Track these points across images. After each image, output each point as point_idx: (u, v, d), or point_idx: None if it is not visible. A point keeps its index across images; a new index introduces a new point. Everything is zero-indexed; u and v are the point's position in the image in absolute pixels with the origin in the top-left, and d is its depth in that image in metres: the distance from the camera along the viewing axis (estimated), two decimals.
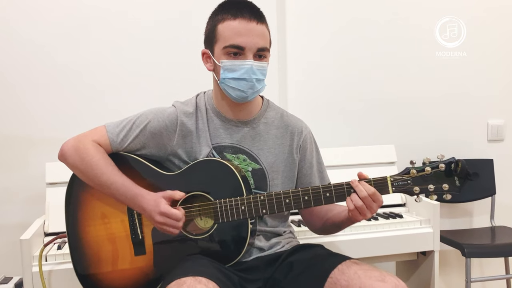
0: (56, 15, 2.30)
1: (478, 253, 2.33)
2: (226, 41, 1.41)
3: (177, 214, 1.37)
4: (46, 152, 2.21)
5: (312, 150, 1.61)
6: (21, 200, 2.31)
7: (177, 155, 1.51)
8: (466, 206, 2.78)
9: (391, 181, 1.33)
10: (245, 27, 1.39)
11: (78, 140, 1.48)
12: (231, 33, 1.40)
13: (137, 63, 2.39)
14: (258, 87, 1.45)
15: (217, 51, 1.44)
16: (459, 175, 1.29)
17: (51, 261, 1.73)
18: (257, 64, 1.42)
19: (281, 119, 1.59)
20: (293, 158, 1.57)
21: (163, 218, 1.37)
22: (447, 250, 2.60)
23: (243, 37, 1.39)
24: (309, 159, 1.59)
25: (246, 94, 1.44)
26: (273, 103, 1.63)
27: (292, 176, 1.57)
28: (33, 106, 2.31)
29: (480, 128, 2.78)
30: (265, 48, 1.43)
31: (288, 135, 1.57)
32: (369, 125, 2.64)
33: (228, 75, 1.42)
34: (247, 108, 1.53)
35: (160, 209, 1.37)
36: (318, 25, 2.55)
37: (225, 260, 1.43)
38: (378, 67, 2.63)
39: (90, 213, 1.52)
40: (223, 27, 1.42)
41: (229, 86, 1.44)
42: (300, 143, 1.58)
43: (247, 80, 1.42)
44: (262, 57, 1.45)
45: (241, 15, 1.40)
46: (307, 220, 1.64)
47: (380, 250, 2.00)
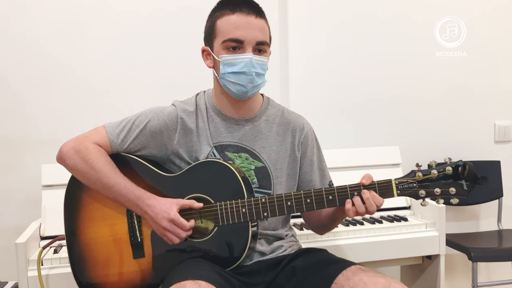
0: (52, 10, 2.30)
1: (485, 257, 2.33)
2: (224, 36, 1.43)
3: (184, 224, 1.38)
4: (42, 153, 2.21)
5: (313, 147, 1.62)
6: (16, 203, 2.30)
7: (178, 154, 1.52)
8: (473, 209, 2.78)
9: (396, 184, 1.33)
10: (243, 20, 1.41)
11: (78, 142, 1.47)
12: (229, 27, 1.42)
13: (137, 60, 2.39)
14: (258, 82, 1.46)
15: (217, 46, 1.46)
16: (466, 179, 1.28)
17: (47, 265, 1.73)
18: (256, 58, 1.43)
19: (282, 116, 1.60)
20: (295, 156, 1.58)
21: (170, 225, 1.38)
22: (453, 254, 2.60)
23: (242, 31, 1.41)
24: (310, 156, 1.60)
25: (246, 89, 1.45)
26: (273, 100, 1.64)
27: (295, 174, 1.59)
28: (29, 106, 2.31)
29: (487, 129, 2.78)
30: (264, 42, 1.45)
31: (290, 132, 1.58)
32: (373, 125, 2.64)
33: (228, 69, 1.43)
34: (247, 106, 1.54)
35: (170, 216, 1.37)
36: (320, 23, 2.55)
37: (225, 263, 1.42)
38: (382, 66, 2.63)
39: (89, 215, 1.51)
40: (222, 22, 1.44)
41: (229, 81, 1.45)
42: (301, 139, 1.59)
43: (247, 73, 1.43)
44: (262, 51, 1.46)
45: (239, 9, 1.42)
46: (305, 217, 1.66)
47: (384, 254, 2.01)
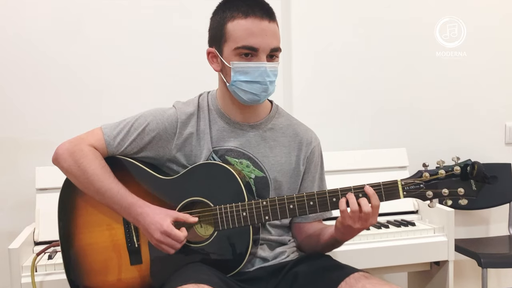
0: (46, 8, 2.30)
1: (495, 263, 2.32)
2: (237, 42, 1.39)
3: (179, 236, 1.36)
4: (36, 155, 2.21)
5: (318, 164, 1.60)
6: (9, 207, 2.30)
7: (176, 159, 1.51)
8: (483, 213, 2.77)
9: (402, 185, 1.33)
10: (258, 26, 1.38)
11: (74, 144, 1.47)
12: (243, 33, 1.39)
13: (134, 60, 2.39)
14: (271, 90, 1.45)
15: (227, 51, 1.43)
16: (475, 179, 1.28)
17: (42, 272, 1.73)
18: (270, 66, 1.42)
19: (290, 127, 1.58)
20: (299, 170, 1.57)
21: (163, 237, 1.36)
22: (462, 260, 2.59)
23: (257, 38, 1.38)
24: (313, 173, 1.59)
25: (259, 98, 1.44)
26: (282, 109, 1.62)
27: (295, 189, 1.57)
28: (23, 106, 2.30)
29: (497, 131, 2.78)
30: (278, 48, 1.43)
31: (296, 144, 1.57)
32: (379, 127, 2.64)
33: (240, 77, 1.41)
34: (254, 111, 1.53)
35: (163, 228, 1.36)
36: (324, 20, 2.56)
37: (226, 269, 1.42)
38: (390, 66, 2.64)
39: (84, 219, 1.51)
40: (233, 26, 1.40)
41: (241, 89, 1.43)
42: (307, 154, 1.57)
43: (261, 83, 1.41)
44: (274, 57, 1.44)
45: (252, 13, 1.39)
46: (300, 240, 1.60)
47: (391, 260, 2.00)
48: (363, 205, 1.31)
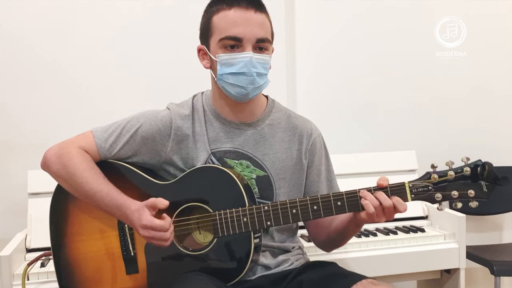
0: (39, 7, 2.31)
1: (509, 271, 2.31)
2: (221, 33, 1.40)
3: (162, 225, 1.34)
4: (28, 159, 2.20)
5: (321, 155, 1.60)
6: (0, 212, 2.30)
7: (172, 162, 1.51)
8: (495, 219, 2.77)
9: (409, 188, 1.32)
10: (241, 16, 1.39)
11: (62, 147, 1.47)
12: (226, 24, 1.40)
13: (129, 61, 2.40)
14: (260, 83, 1.44)
15: (213, 45, 1.44)
16: (486, 180, 1.27)
17: (34, 280, 1.72)
18: (257, 57, 1.42)
19: (288, 120, 1.58)
20: (301, 164, 1.56)
21: (148, 232, 1.34)
22: (474, 268, 2.59)
23: (240, 27, 1.39)
24: (317, 165, 1.58)
25: (246, 91, 1.43)
26: (279, 103, 1.62)
27: (300, 184, 1.56)
28: (14, 108, 2.31)
29: (510, 132, 2.78)
30: (265, 39, 1.43)
31: (296, 138, 1.56)
32: (387, 128, 2.65)
33: (226, 70, 1.42)
34: (249, 108, 1.53)
35: (141, 222, 1.34)
36: (330, 17, 2.57)
37: (226, 278, 1.41)
38: (396, 65, 2.65)
39: (78, 227, 1.51)
40: (218, 18, 1.42)
41: (228, 82, 1.43)
42: (309, 146, 1.56)
43: (247, 74, 1.41)
44: (263, 49, 1.44)
45: (237, 3, 1.40)
46: (312, 232, 1.62)
47: (400, 268, 2.00)
48: (382, 200, 1.31)
